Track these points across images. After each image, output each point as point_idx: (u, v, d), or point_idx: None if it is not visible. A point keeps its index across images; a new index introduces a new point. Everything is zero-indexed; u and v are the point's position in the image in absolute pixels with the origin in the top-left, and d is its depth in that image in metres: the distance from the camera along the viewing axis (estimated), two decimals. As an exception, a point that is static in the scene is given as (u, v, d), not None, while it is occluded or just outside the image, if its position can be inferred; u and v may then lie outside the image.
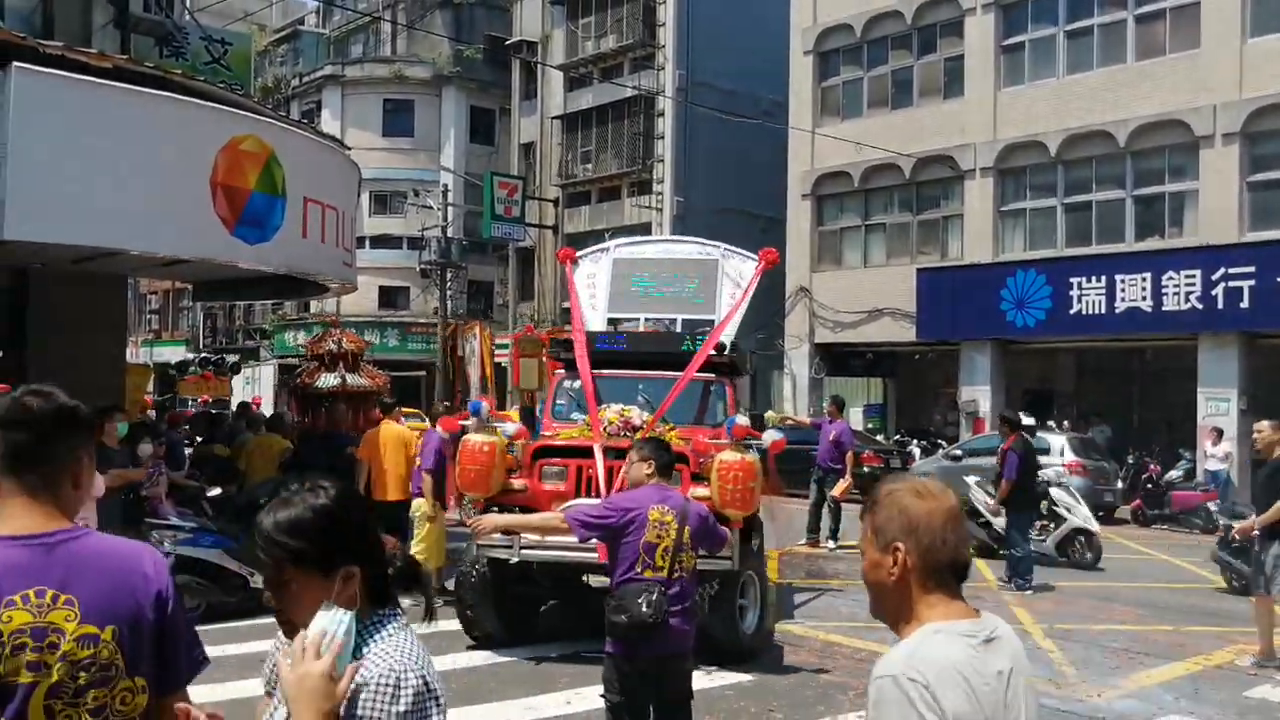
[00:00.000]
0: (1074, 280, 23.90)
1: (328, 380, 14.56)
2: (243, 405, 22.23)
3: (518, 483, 9.12)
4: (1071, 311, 23.95)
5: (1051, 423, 23.23)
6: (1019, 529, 12.91)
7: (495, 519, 6.68)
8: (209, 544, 10.52)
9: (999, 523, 14.09)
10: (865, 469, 21.14)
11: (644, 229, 33.32)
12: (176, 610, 2.42)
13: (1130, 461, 22.60)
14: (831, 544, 15.69)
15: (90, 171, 9.61)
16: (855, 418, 29.91)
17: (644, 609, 5.05)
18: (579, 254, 12.63)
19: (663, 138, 35.03)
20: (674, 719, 5.32)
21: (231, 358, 39.47)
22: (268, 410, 23.49)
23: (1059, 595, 12.25)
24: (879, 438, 27.14)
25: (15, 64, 8.96)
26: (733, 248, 12.23)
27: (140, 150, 9.96)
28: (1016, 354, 26.65)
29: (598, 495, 8.43)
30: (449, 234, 38.14)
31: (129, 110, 9.92)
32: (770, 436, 9.59)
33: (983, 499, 14.55)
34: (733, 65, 33.92)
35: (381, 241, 41.32)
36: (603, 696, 5.36)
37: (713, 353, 10.31)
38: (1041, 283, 24.46)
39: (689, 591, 5.29)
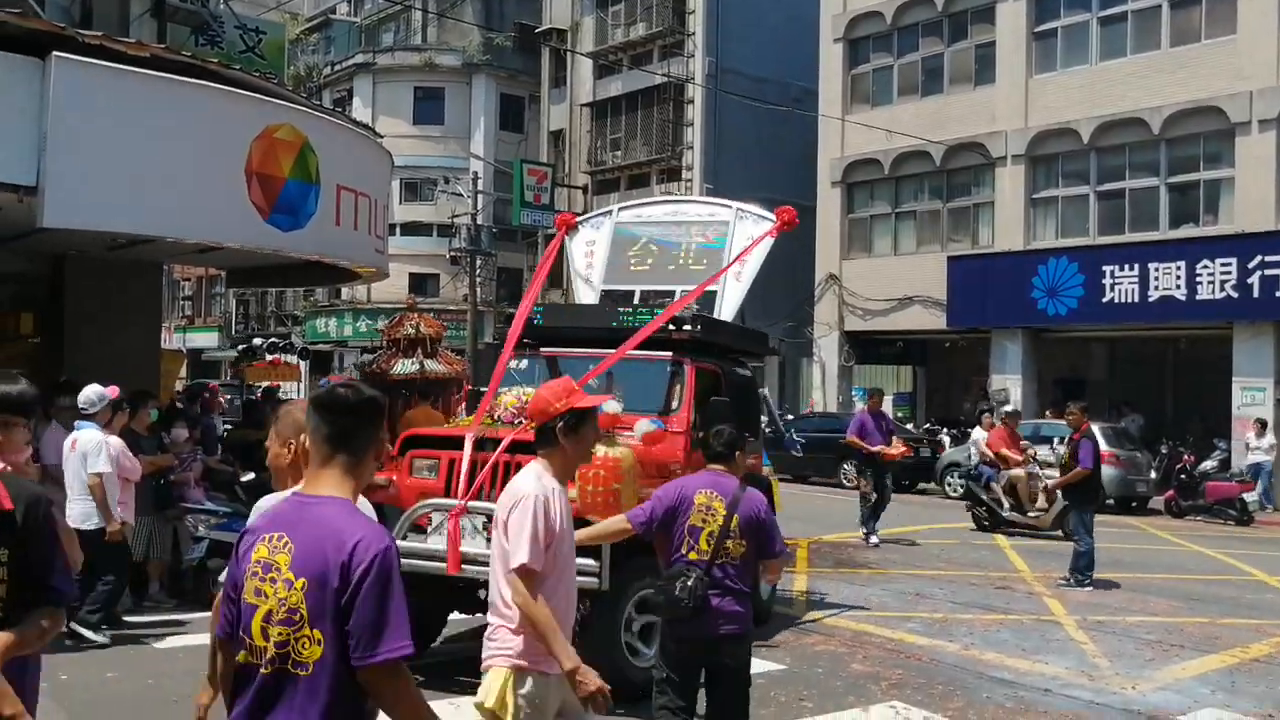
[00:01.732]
0: (1107, 268, 23.75)
1: (405, 366, 14.44)
2: (267, 390, 22.29)
3: (381, 478, 7.68)
4: (1104, 300, 23.79)
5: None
6: (1084, 522, 12.40)
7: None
8: (242, 528, 10.58)
9: None
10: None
11: (673, 216, 33.29)
12: (366, 591, 2.60)
13: (1163, 452, 22.44)
14: (873, 539, 15.09)
15: (127, 159, 9.68)
16: (885, 406, 29.81)
17: (677, 591, 5.07)
18: (579, 219, 11.65)
19: (692, 125, 34.97)
20: (725, 701, 5.27)
21: (298, 342, 39.53)
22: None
23: (1092, 587, 12.16)
24: (909, 426, 27.05)
25: (55, 54, 9.03)
26: (749, 207, 10.83)
27: (176, 138, 10.02)
28: (1048, 342, 26.52)
29: (458, 494, 7.41)
30: (479, 221, 38.19)
31: (166, 99, 9.97)
32: (642, 428, 7.59)
33: None
34: (762, 52, 33.81)
35: (412, 229, 41.42)
36: (653, 670, 5.41)
37: (672, 327, 8.73)
38: (1074, 271, 24.31)
39: (737, 575, 5.18)
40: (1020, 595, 11.82)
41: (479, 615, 8.72)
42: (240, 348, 35.22)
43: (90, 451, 8.51)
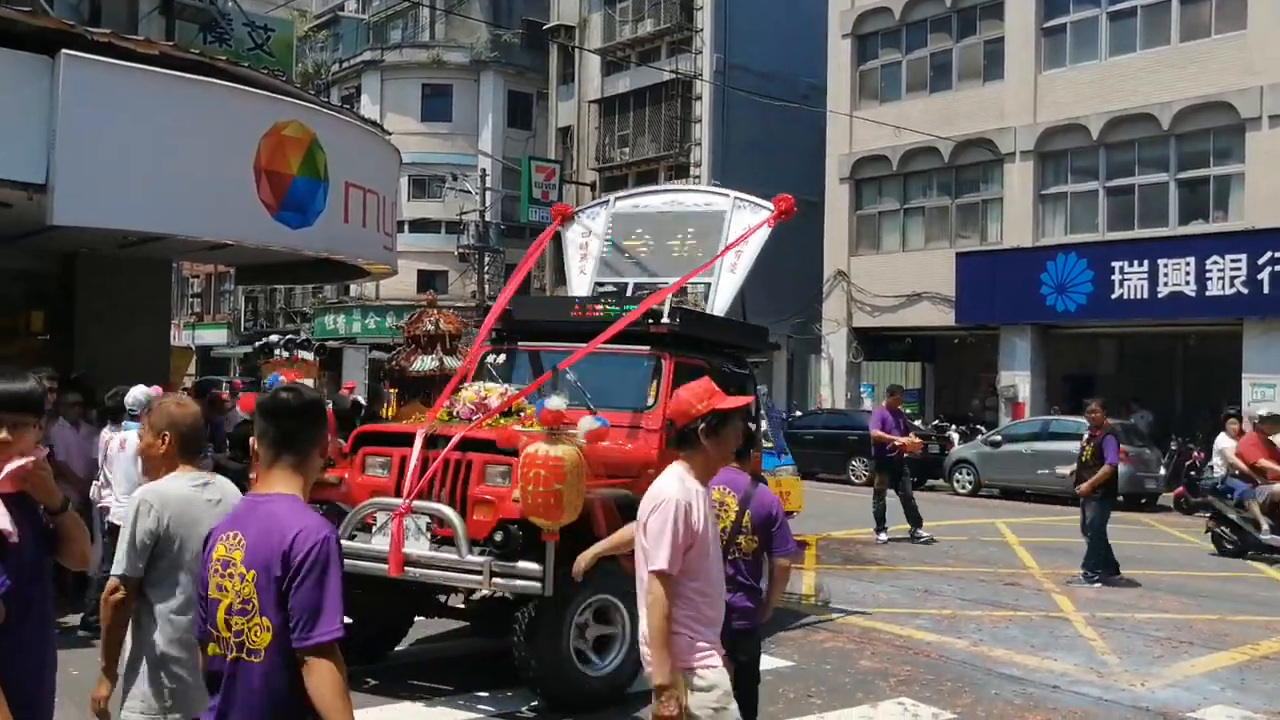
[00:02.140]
0: (1116, 264, 23.70)
1: (425, 363, 14.39)
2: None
3: (331, 476, 7.43)
4: (1113, 296, 23.75)
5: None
6: (1100, 519, 12.32)
7: (591, 553, 5.65)
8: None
9: None
10: (905, 454, 21.06)
11: (681, 213, 33.25)
12: (305, 577, 2.82)
13: (1173, 448, 22.38)
14: (883, 536, 14.96)
15: (136, 157, 9.70)
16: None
17: None
18: (576, 209, 11.33)
19: (700, 121, 34.93)
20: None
21: (311, 340, 39.44)
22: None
23: (1102, 583, 12.14)
24: (917, 423, 27.00)
25: (64, 51, 9.06)
26: (747, 197, 10.45)
27: (185, 136, 10.04)
28: (1057, 338, 26.47)
29: (404, 493, 7.10)
30: (487, 218, 38.23)
31: (174, 96, 10.00)
32: (586, 425, 7.01)
33: None
34: (770, 49, 33.76)
35: (420, 226, 41.48)
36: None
37: (649, 321, 8.35)
38: (1083, 267, 24.26)
39: (748, 571, 5.23)
40: (1029, 592, 11.80)
41: (438, 618, 8.41)
42: (258, 344, 35.14)
43: None
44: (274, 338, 32.85)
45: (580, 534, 6.64)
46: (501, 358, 9.11)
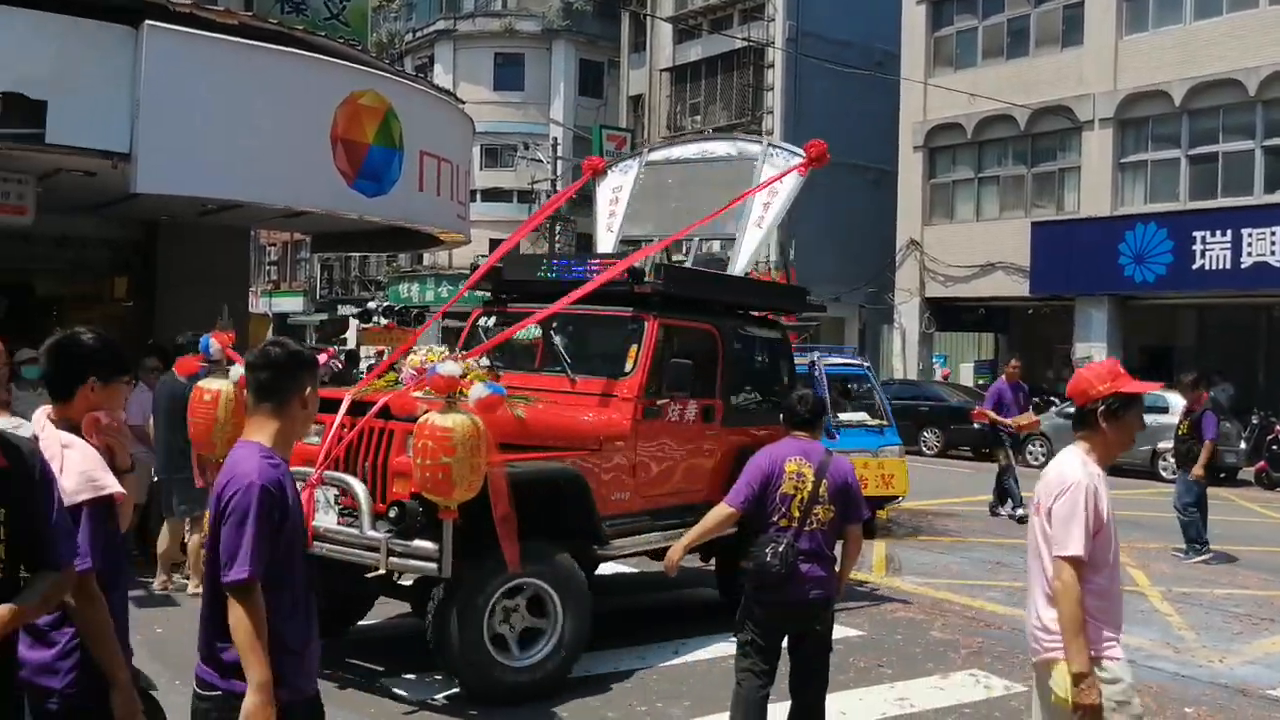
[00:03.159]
0: (1197, 234, 23.17)
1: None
2: (350, 353, 22.65)
3: None
4: (1194, 266, 23.24)
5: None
6: (1192, 495, 12.02)
7: (681, 545, 5.48)
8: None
9: None
10: (977, 425, 20.85)
11: (752, 182, 33.03)
12: (228, 521, 3.04)
13: (1254, 422, 21.90)
14: (1020, 510, 13.94)
15: (216, 126, 9.87)
16: (966, 374, 29.49)
17: (768, 558, 5.12)
18: (608, 163, 10.89)
19: (772, 89, 34.63)
20: (809, 664, 5.35)
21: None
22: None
23: (1179, 558, 11.96)
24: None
25: (147, 22, 9.23)
26: (781, 144, 10.01)
27: (264, 105, 10.20)
28: (1134, 310, 25.98)
29: (317, 461, 6.62)
30: (558, 187, 38.24)
31: (253, 66, 10.15)
32: (477, 393, 6.15)
33: None
34: (844, 15, 33.34)
35: (492, 195, 41.64)
36: (736, 636, 5.44)
37: (628, 279, 7.71)
38: (1162, 237, 23.77)
39: (824, 541, 5.25)
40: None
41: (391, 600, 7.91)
42: (357, 310, 35.46)
43: None
44: (371, 304, 33.16)
45: (486, 512, 6.04)
46: (492, 320, 8.80)
